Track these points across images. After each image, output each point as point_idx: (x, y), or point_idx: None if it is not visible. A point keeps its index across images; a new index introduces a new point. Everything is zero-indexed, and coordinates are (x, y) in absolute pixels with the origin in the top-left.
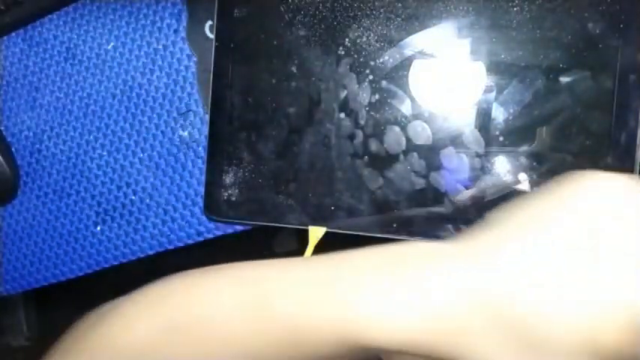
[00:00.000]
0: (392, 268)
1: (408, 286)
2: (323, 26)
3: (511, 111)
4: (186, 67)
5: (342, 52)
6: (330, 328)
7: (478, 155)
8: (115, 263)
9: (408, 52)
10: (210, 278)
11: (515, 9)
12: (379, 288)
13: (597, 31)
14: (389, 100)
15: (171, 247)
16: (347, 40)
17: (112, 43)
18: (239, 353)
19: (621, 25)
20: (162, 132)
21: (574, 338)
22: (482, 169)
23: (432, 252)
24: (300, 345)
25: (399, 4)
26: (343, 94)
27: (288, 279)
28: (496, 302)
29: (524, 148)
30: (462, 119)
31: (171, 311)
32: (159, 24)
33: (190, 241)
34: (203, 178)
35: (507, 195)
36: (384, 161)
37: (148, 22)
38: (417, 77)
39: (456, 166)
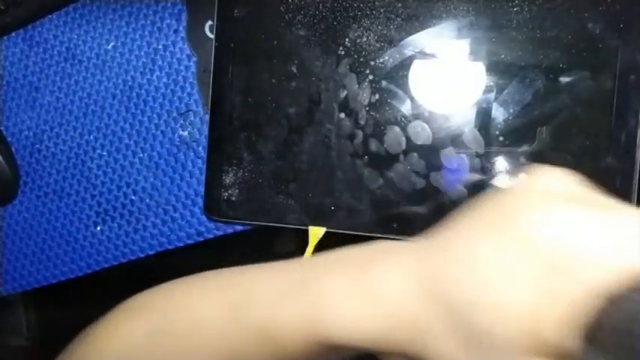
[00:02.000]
0: (351, 267)
1: (364, 283)
2: (323, 26)
3: (511, 111)
4: (186, 67)
5: (342, 52)
6: (300, 328)
7: (478, 155)
8: (115, 263)
9: (408, 52)
10: (191, 285)
11: (515, 9)
12: (340, 287)
13: (597, 31)
14: (389, 100)
15: (171, 247)
16: (347, 40)
17: (112, 43)
18: (218, 355)
19: (621, 25)
20: (162, 132)
21: (516, 331)
22: (482, 169)
23: (389, 249)
24: (276, 345)
25: (399, 4)
26: (343, 94)
27: (262, 283)
28: (444, 297)
29: (524, 148)
30: (462, 119)
31: (155, 316)
32: (159, 24)
33: (190, 241)
34: (203, 178)
35: None
36: (384, 161)
37: (148, 22)
38: (417, 77)
39: (456, 166)
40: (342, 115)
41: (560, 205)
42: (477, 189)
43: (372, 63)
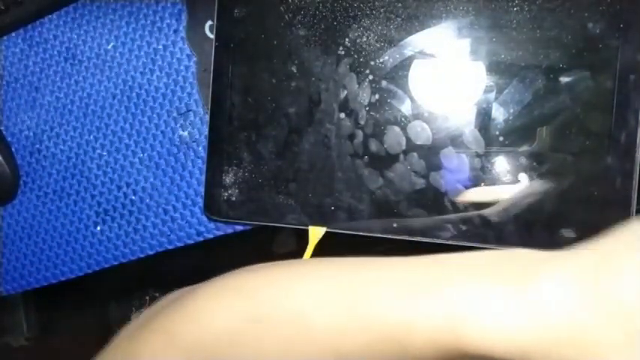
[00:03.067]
0: (499, 271)
1: (520, 292)
2: (323, 26)
3: (511, 111)
4: (186, 67)
5: (342, 52)
6: (433, 331)
7: (478, 155)
8: (115, 263)
9: (408, 52)
10: (298, 272)
11: (515, 9)
12: (488, 290)
13: (597, 31)
14: (389, 100)
15: (171, 247)
16: (347, 40)
17: (112, 43)
18: (330, 352)
19: (621, 25)
20: (162, 132)
21: None
22: (482, 169)
23: (541, 257)
24: (399, 346)
25: (399, 4)
26: (343, 94)
27: (386, 277)
28: (624, 309)
29: (524, 148)
30: (462, 119)
31: (257, 302)
32: (159, 24)
33: (190, 241)
34: (203, 178)
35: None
36: (384, 161)
37: (148, 22)
38: (417, 77)
39: (456, 166)
40: (342, 115)
41: None
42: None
43: (372, 63)
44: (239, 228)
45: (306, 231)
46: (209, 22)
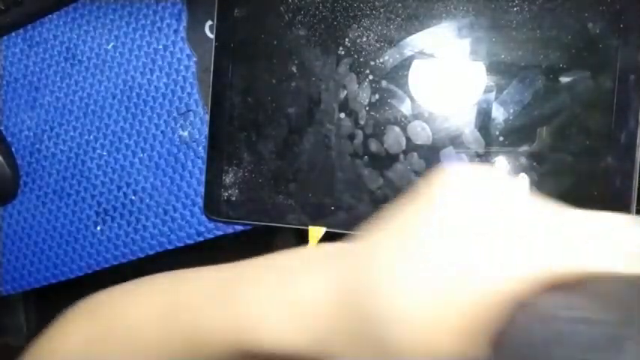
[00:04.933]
0: (279, 275)
1: (289, 293)
2: (323, 26)
3: (511, 111)
4: (186, 67)
5: (342, 52)
6: (224, 335)
7: (478, 155)
8: (115, 263)
9: (408, 52)
10: (132, 290)
11: (515, 9)
12: (266, 296)
13: (597, 31)
14: (389, 100)
15: (171, 247)
16: (347, 40)
17: (112, 43)
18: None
19: (621, 25)
20: (162, 132)
21: (421, 344)
22: None
23: (317, 257)
24: (200, 352)
25: (399, 4)
26: (343, 94)
27: (191, 288)
28: (357, 309)
29: (524, 148)
30: (462, 119)
31: (98, 323)
32: (159, 24)
33: (190, 241)
34: (203, 178)
35: None
36: (384, 161)
37: (148, 22)
38: (417, 77)
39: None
40: (342, 115)
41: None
42: None
43: (372, 63)
44: (239, 228)
45: (306, 231)
46: (209, 22)
